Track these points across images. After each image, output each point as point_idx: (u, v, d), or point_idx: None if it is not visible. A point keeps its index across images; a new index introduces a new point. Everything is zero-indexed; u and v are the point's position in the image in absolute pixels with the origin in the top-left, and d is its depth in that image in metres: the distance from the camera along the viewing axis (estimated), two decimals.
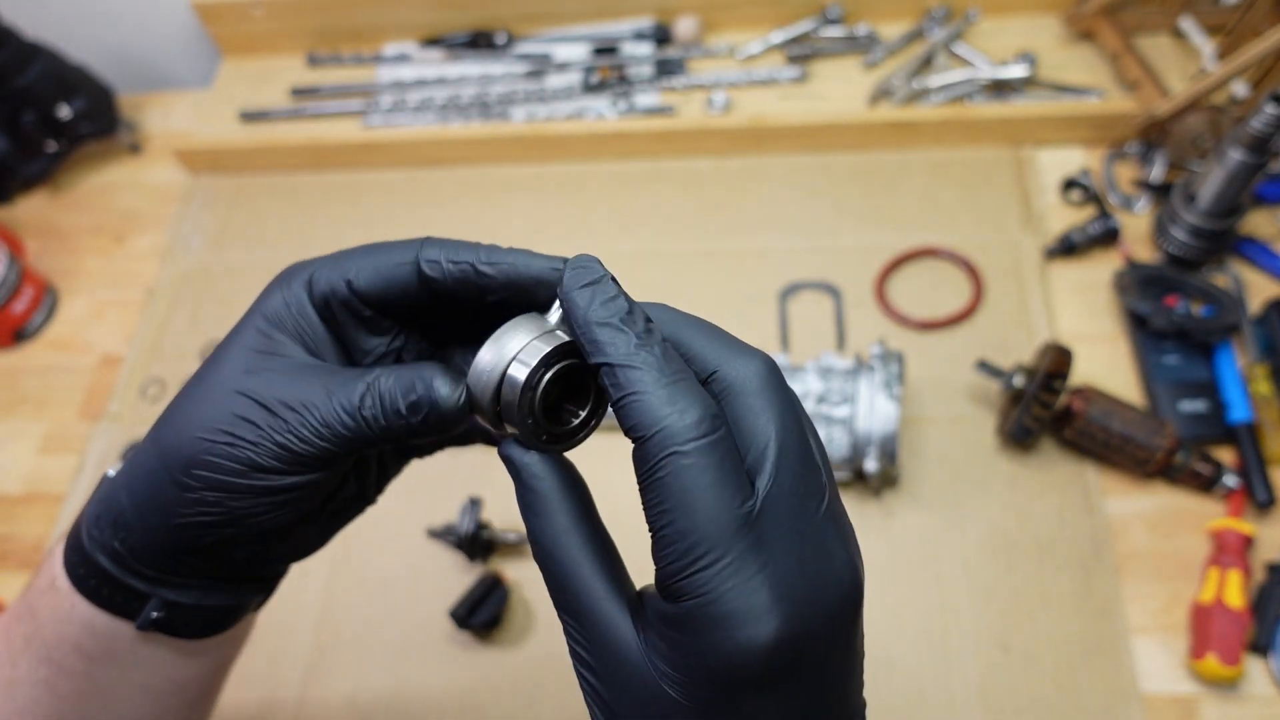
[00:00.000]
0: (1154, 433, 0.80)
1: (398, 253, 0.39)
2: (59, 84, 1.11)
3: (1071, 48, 1.10)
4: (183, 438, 0.37)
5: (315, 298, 0.40)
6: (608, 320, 0.32)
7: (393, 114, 1.15)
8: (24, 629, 0.42)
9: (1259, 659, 0.75)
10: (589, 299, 0.33)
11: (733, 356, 0.34)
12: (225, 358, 0.39)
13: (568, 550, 0.34)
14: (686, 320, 0.35)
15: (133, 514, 0.38)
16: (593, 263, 0.34)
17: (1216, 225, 0.89)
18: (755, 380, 0.33)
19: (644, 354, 0.32)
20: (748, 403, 0.33)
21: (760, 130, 1.06)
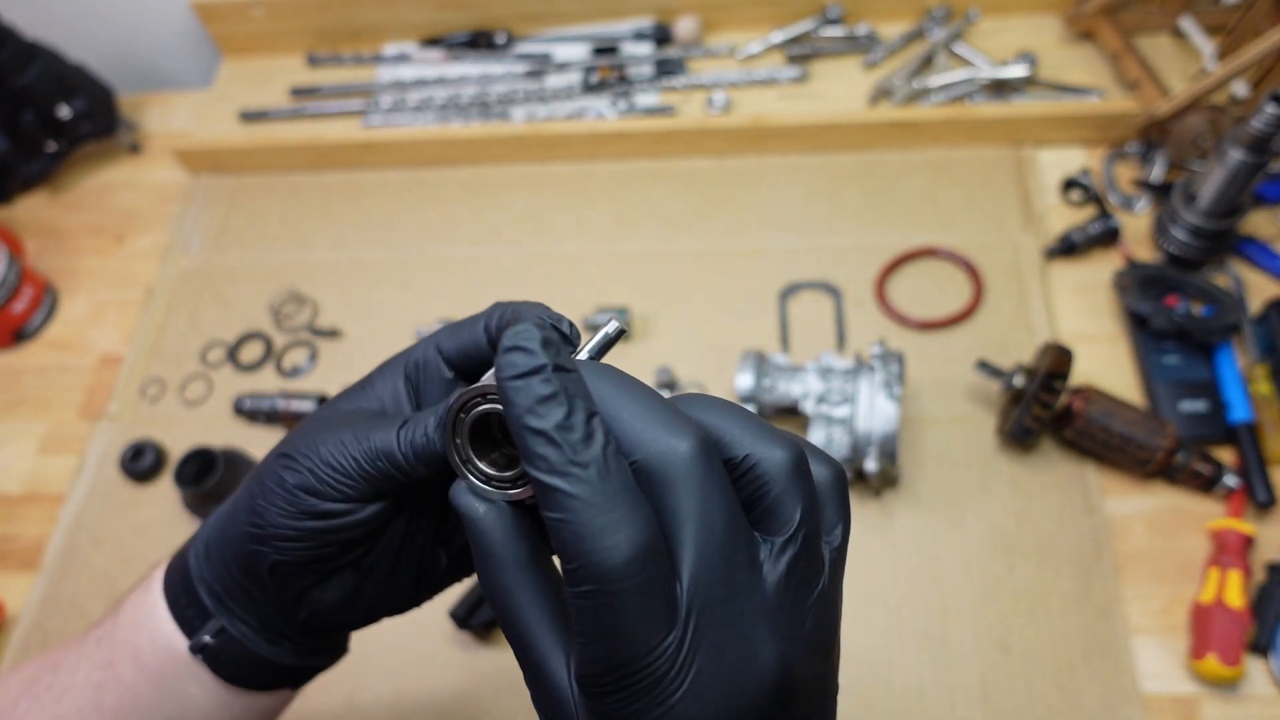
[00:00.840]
0: (1154, 433, 0.80)
1: (478, 316, 0.41)
2: (59, 84, 1.11)
3: (1071, 48, 1.10)
4: (271, 454, 0.40)
5: (407, 367, 0.42)
6: (540, 427, 0.29)
7: (392, 114, 1.15)
8: (101, 629, 0.45)
9: (1259, 659, 0.75)
10: (524, 397, 0.30)
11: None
12: (321, 411, 0.42)
13: (515, 603, 0.34)
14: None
15: (220, 522, 0.42)
16: (529, 340, 0.30)
17: (1217, 225, 0.89)
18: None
19: (576, 473, 0.29)
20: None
21: (760, 130, 1.06)
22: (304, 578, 0.41)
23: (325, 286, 1.06)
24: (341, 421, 0.40)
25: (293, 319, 1.04)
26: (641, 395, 0.32)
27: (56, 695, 0.44)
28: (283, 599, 0.42)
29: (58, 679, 0.45)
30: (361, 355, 1.01)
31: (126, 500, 0.94)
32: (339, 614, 0.43)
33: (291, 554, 0.39)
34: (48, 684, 0.45)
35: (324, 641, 0.46)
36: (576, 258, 1.04)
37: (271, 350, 1.02)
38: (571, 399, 0.30)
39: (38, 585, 0.91)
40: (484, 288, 1.03)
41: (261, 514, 0.39)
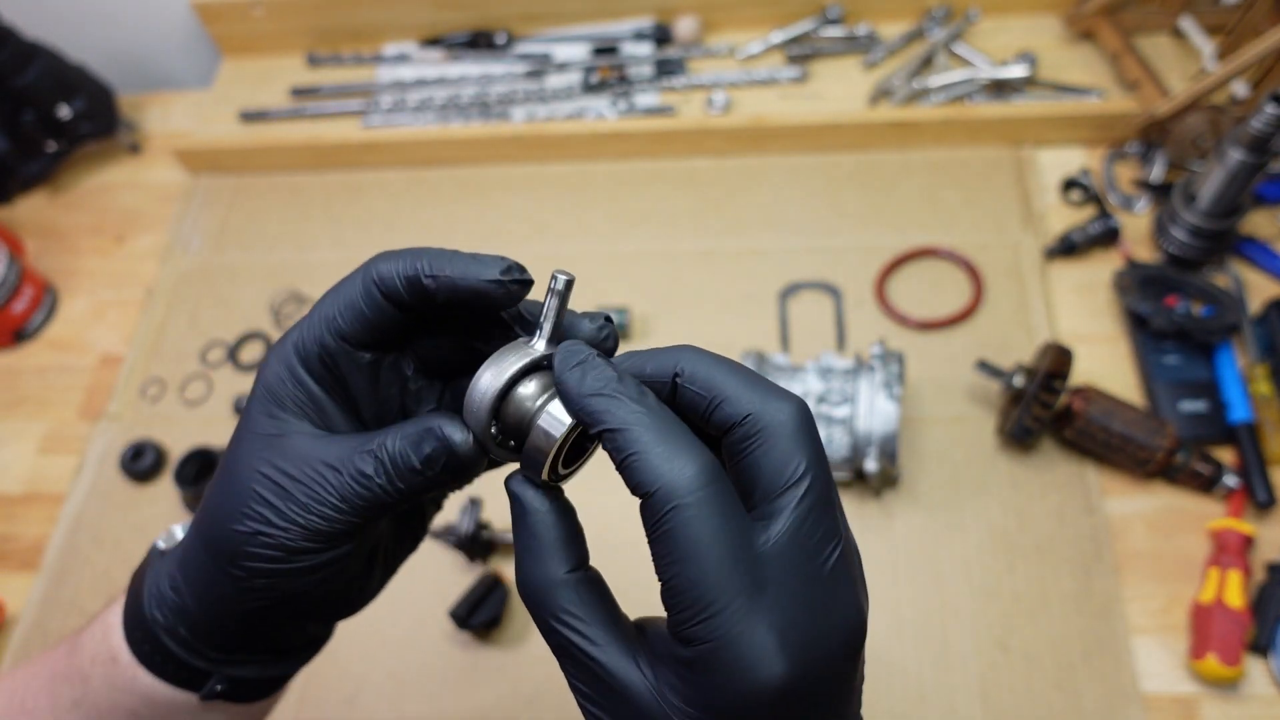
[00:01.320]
0: (1154, 433, 0.80)
1: (356, 278, 0.39)
2: (59, 84, 1.11)
3: (1071, 48, 1.10)
4: (222, 531, 0.38)
5: (308, 362, 0.39)
6: (600, 390, 0.34)
7: (392, 114, 1.15)
8: (72, 692, 0.43)
9: (1259, 659, 0.75)
10: (579, 377, 0.34)
11: (767, 400, 0.34)
12: (238, 448, 0.39)
13: (560, 597, 0.34)
14: (720, 364, 0.36)
15: (195, 605, 0.40)
16: (578, 346, 0.35)
17: (1216, 225, 0.89)
18: (788, 425, 0.34)
19: (639, 415, 0.33)
20: (780, 446, 0.33)
21: (760, 130, 1.06)
22: (320, 611, 0.42)
23: (325, 287, 1.05)
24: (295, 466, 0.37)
25: (293, 319, 1.04)
26: (741, 367, 0.36)
27: (52, 709, 0.43)
28: (291, 631, 0.42)
29: (48, 694, 0.44)
30: None
31: (126, 500, 0.94)
32: (347, 611, 0.44)
33: (298, 604, 0.39)
34: (36, 700, 0.44)
35: (323, 634, 0.47)
36: (576, 258, 1.04)
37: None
38: (620, 370, 0.35)
39: (38, 585, 0.91)
40: None
41: (255, 592, 0.38)
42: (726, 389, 0.34)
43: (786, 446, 0.33)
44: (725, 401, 0.34)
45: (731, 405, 0.34)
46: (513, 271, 0.37)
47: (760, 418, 0.33)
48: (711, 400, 0.34)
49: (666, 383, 0.36)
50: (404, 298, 0.38)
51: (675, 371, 0.36)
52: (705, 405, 0.35)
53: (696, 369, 0.35)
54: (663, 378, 0.36)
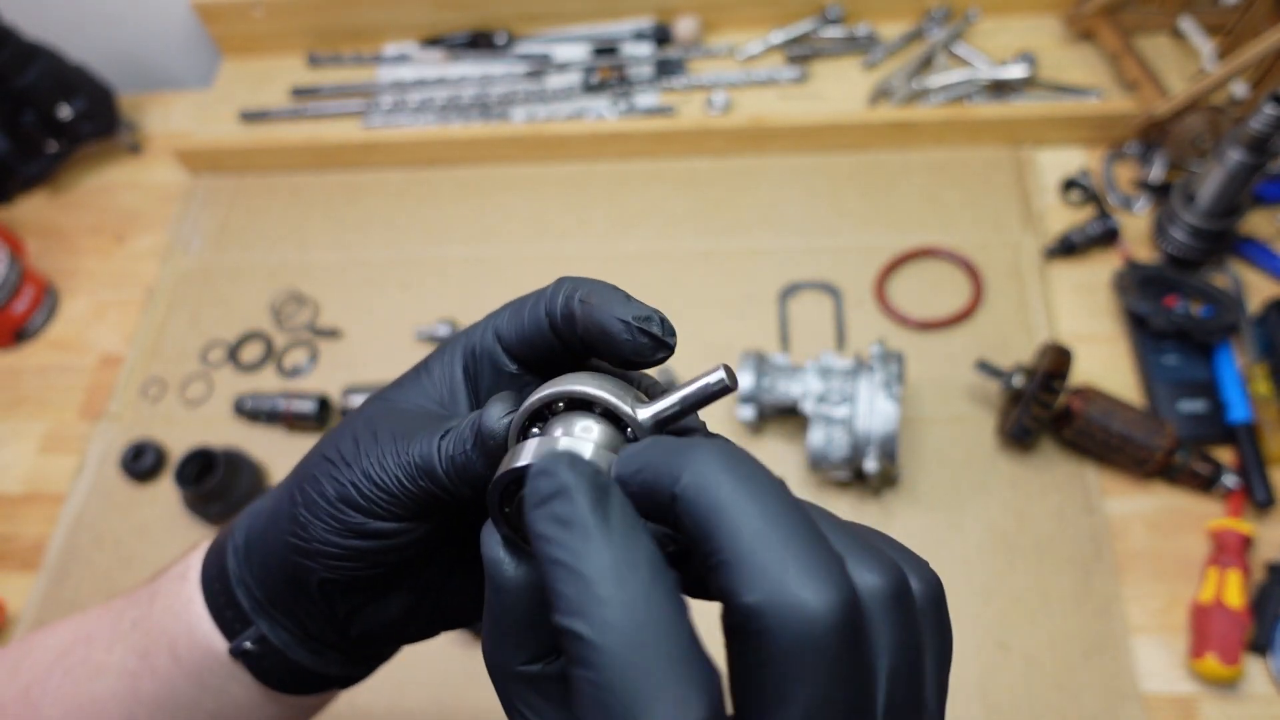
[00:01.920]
0: (1153, 433, 0.80)
1: (536, 295, 0.35)
2: (59, 84, 1.11)
3: (1071, 48, 1.10)
4: (315, 453, 0.36)
5: (465, 350, 0.36)
6: (560, 558, 0.24)
7: (393, 114, 1.15)
8: (136, 612, 0.42)
9: (1258, 659, 0.75)
10: (546, 523, 0.24)
11: (788, 581, 0.23)
12: (369, 404, 0.37)
13: (516, 690, 0.29)
14: (745, 489, 0.25)
15: (261, 522, 0.38)
16: (556, 464, 0.25)
17: (1216, 225, 0.89)
18: (806, 636, 0.23)
19: (604, 617, 0.23)
20: (780, 666, 0.23)
21: (760, 130, 1.06)
22: (356, 596, 0.37)
23: (325, 286, 1.06)
24: (388, 421, 0.35)
25: (293, 319, 1.04)
26: (774, 506, 0.24)
27: (90, 671, 0.42)
28: (332, 615, 0.38)
29: (91, 654, 0.42)
30: (362, 355, 1.01)
31: (127, 500, 0.94)
32: (394, 631, 0.40)
33: (340, 573, 0.35)
34: (81, 657, 0.43)
35: (374, 653, 0.43)
36: (577, 258, 1.04)
37: (272, 350, 1.02)
38: (605, 504, 0.24)
39: (38, 585, 0.91)
40: (484, 288, 1.03)
41: (305, 526, 0.35)
42: (731, 544, 0.23)
43: (779, 674, 0.22)
44: (724, 567, 0.23)
45: (731, 576, 0.23)
46: (652, 323, 0.31)
47: (761, 615, 0.22)
48: (710, 553, 0.24)
49: (663, 503, 0.26)
50: (557, 320, 0.33)
51: (673, 491, 0.25)
52: (700, 555, 0.24)
53: (701, 497, 0.24)
54: (657, 494, 0.26)
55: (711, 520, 0.24)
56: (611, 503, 0.24)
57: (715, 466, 0.25)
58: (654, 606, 0.22)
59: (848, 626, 0.22)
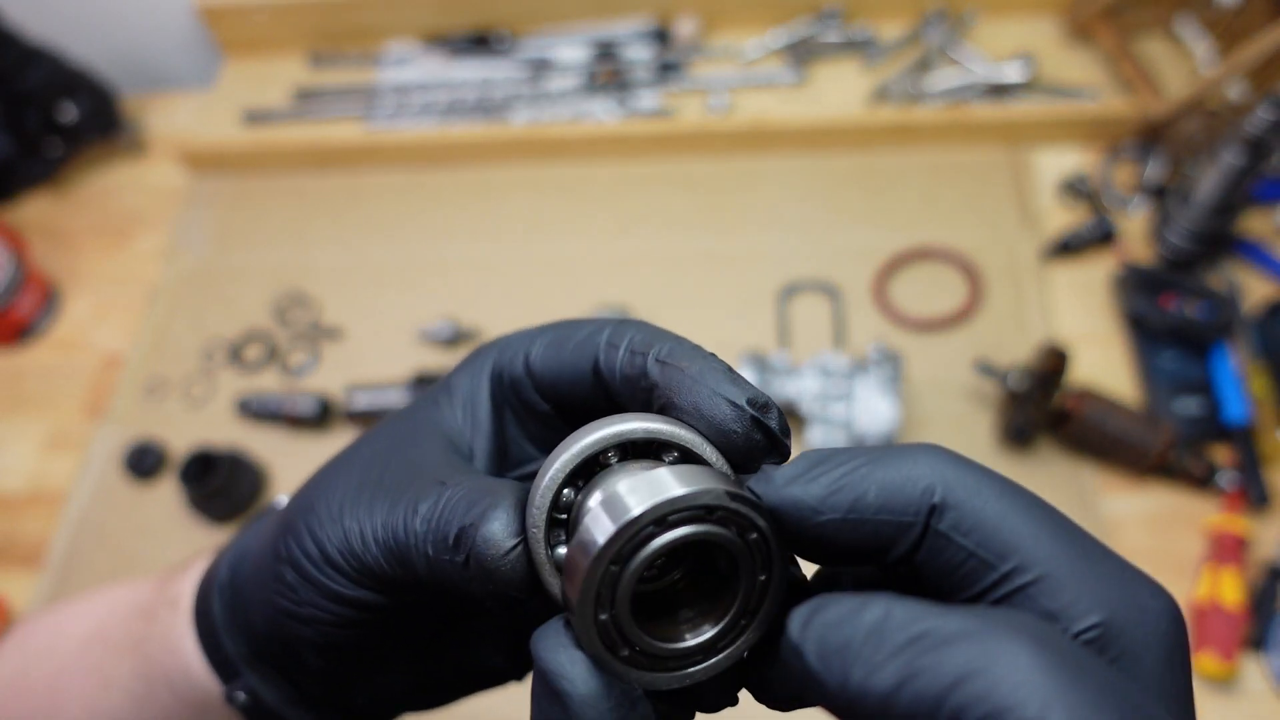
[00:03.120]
0: (1149, 434, 0.81)
1: (584, 330, 0.30)
2: (62, 86, 1.11)
3: (1069, 50, 1.10)
4: (304, 499, 0.32)
5: (493, 373, 0.32)
6: None
7: (395, 116, 1.15)
8: (137, 628, 0.40)
9: (1255, 656, 0.75)
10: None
11: (1127, 594, 0.22)
12: (385, 426, 0.33)
13: None
14: (1020, 502, 0.23)
15: (247, 568, 0.34)
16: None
17: (1212, 226, 0.89)
18: (1164, 650, 0.21)
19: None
20: (1145, 689, 0.21)
21: (760, 132, 1.07)
22: (354, 664, 0.33)
23: (328, 287, 1.07)
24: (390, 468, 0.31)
25: (295, 319, 1.05)
26: (1061, 520, 0.23)
27: (104, 681, 0.41)
28: (331, 681, 0.35)
29: (105, 660, 0.42)
30: (364, 354, 1.01)
31: (129, 499, 0.95)
32: (404, 701, 0.36)
33: (333, 639, 0.31)
34: (97, 660, 0.42)
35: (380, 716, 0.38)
36: (577, 258, 1.05)
37: (274, 350, 1.02)
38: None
39: (41, 584, 0.91)
40: (486, 288, 1.04)
41: (293, 589, 0.31)
42: (1039, 558, 0.21)
43: (1156, 689, 0.20)
44: (1042, 585, 0.21)
45: (1056, 594, 0.21)
46: (770, 413, 0.26)
47: (1118, 632, 0.21)
48: (1008, 574, 0.22)
49: (910, 523, 0.22)
50: (614, 377, 0.28)
51: (932, 502, 0.22)
52: (991, 580, 0.22)
53: (972, 505, 0.22)
54: (901, 511, 0.22)
55: (1004, 534, 0.22)
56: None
57: (969, 472, 0.22)
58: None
59: (1185, 630, 0.22)
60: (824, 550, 0.23)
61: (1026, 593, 0.21)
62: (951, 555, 0.22)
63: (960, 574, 0.22)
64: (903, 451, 0.23)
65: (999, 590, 0.21)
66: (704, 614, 0.24)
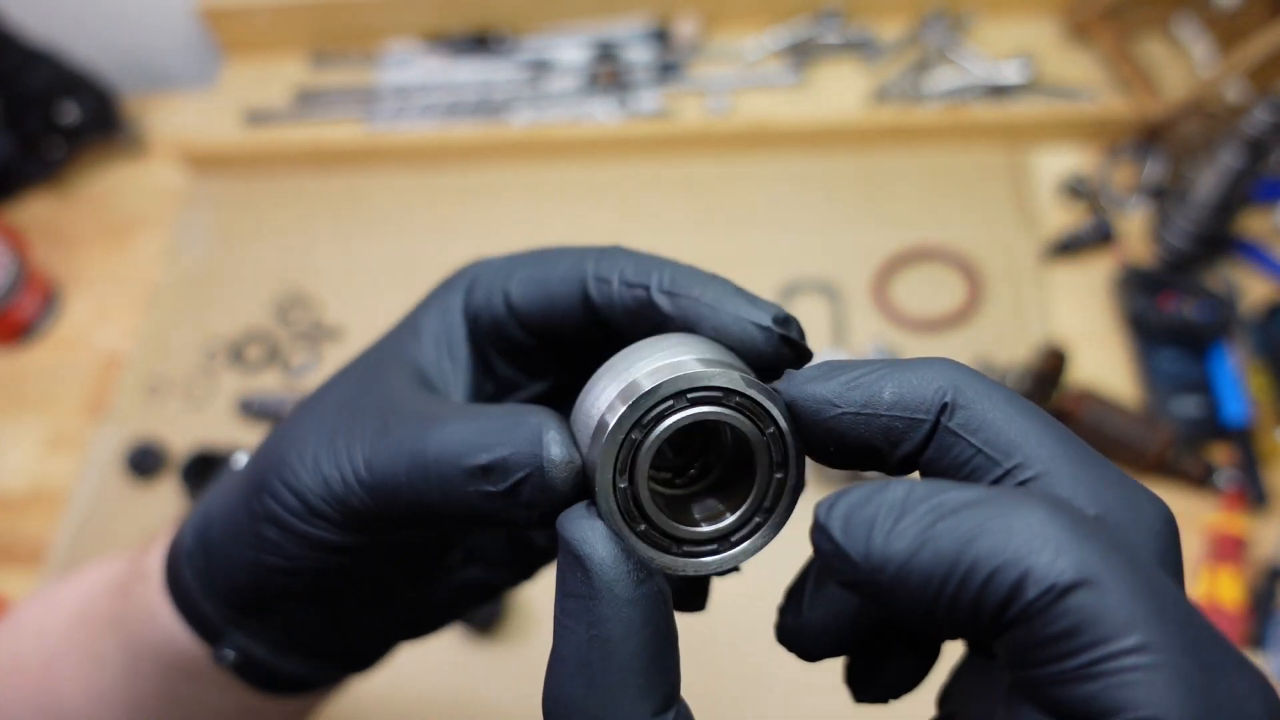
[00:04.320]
0: (1148, 433, 0.81)
1: (566, 262, 0.30)
2: (63, 86, 1.12)
3: (1069, 50, 1.10)
4: (272, 454, 0.31)
5: (469, 311, 0.31)
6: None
7: (395, 117, 1.15)
8: (116, 605, 0.40)
9: (1254, 656, 0.76)
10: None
11: (1125, 499, 0.22)
12: (346, 372, 0.32)
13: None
14: (1026, 410, 0.23)
15: (217, 532, 0.34)
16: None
17: (1211, 227, 0.90)
18: (1157, 553, 0.22)
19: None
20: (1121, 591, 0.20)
21: (759, 133, 1.07)
22: (348, 604, 0.34)
23: (329, 287, 1.07)
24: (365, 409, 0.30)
25: (297, 319, 1.05)
26: (1055, 424, 0.23)
27: (94, 659, 0.41)
28: (324, 624, 0.35)
29: (95, 640, 0.42)
30: None
31: (130, 498, 0.95)
32: (398, 632, 0.37)
33: (327, 583, 0.32)
34: (87, 638, 0.42)
35: (372, 656, 0.40)
36: None
37: (276, 350, 1.03)
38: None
39: (42, 584, 0.91)
40: None
41: (278, 546, 0.31)
42: (1042, 458, 0.22)
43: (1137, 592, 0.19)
44: (1042, 481, 0.22)
45: (1061, 486, 0.22)
46: (791, 326, 0.27)
47: (1117, 526, 0.21)
48: (1011, 471, 0.22)
49: (922, 420, 0.23)
50: (614, 314, 0.28)
51: (943, 400, 0.23)
52: (995, 475, 0.23)
53: (981, 407, 0.23)
54: (914, 409, 0.23)
55: (1010, 433, 0.22)
56: None
57: (976, 379, 0.23)
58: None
59: (1179, 541, 0.22)
60: (836, 445, 0.24)
61: (1028, 488, 0.22)
62: (959, 453, 0.23)
63: (965, 471, 0.22)
64: (918, 360, 0.24)
65: (1005, 484, 0.22)
66: (721, 507, 0.25)
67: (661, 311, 0.28)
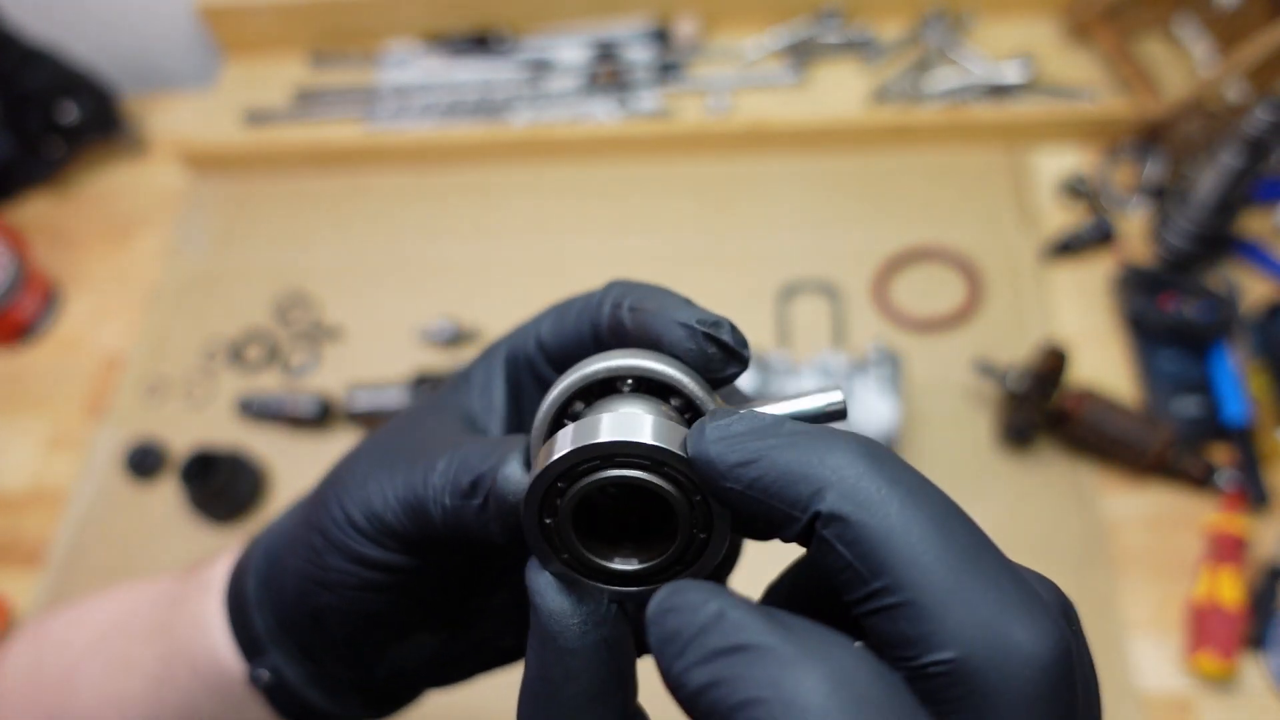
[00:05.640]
0: (1148, 434, 0.81)
1: (580, 299, 0.32)
2: (63, 86, 1.11)
3: (1069, 50, 1.10)
4: (331, 476, 0.34)
5: (508, 357, 0.34)
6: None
7: (395, 116, 1.15)
8: (162, 616, 0.42)
9: (1254, 655, 0.76)
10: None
11: (996, 628, 0.20)
12: (408, 413, 0.36)
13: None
14: (917, 518, 0.21)
15: (281, 545, 0.36)
16: (676, 593, 0.23)
17: (1211, 226, 0.90)
18: (1030, 697, 0.19)
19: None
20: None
21: (759, 133, 1.07)
22: (376, 632, 0.35)
23: (329, 287, 1.07)
24: (409, 437, 0.33)
25: (297, 319, 1.05)
26: (958, 531, 0.21)
27: (124, 666, 0.42)
28: (354, 654, 0.36)
29: (129, 648, 0.43)
30: (365, 354, 1.01)
31: (131, 498, 0.95)
32: (425, 674, 0.38)
33: (354, 604, 0.33)
34: (119, 649, 0.43)
35: (397, 699, 0.40)
36: (577, 258, 1.05)
37: (275, 350, 1.03)
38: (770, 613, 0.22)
39: (43, 583, 0.91)
40: (486, 288, 1.04)
41: (320, 554, 0.33)
42: (913, 578, 0.20)
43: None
44: (907, 609, 0.20)
45: (919, 621, 0.20)
46: (721, 329, 0.27)
47: (973, 672, 0.19)
48: (876, 592, 0.21)
49: (795, 519, 0.22)
50: (602, 330, 0.31)
51: (817, 509, 0.22)
52: (863, 593, 0.21)
53: (862, 519, 0.21)
54: (791, 504, 0.22)
55: (883, 551, 0.20)
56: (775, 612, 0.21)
57: (875, 478, 0.21)
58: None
59: (1071, 671, 0.20)
60: (733, 514, 0.24)
61: (891, 614, 0.20)
62: (834, 560, 0.21)
63: (841, 578, 0.21)
64: (823, 440, 0.22)
65: (869, 604, 0.21)
66: (641, 549, 0.26)
67: (625, 326, 0.29)
